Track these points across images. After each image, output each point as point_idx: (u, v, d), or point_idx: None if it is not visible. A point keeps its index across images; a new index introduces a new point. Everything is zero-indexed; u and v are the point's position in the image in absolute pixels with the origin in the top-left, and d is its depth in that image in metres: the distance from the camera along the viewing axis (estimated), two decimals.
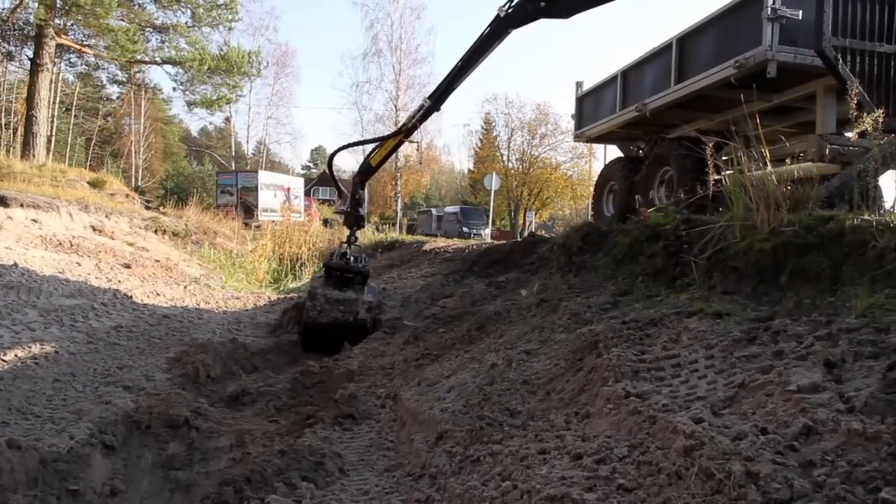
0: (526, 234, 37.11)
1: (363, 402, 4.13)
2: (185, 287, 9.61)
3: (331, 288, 6.43)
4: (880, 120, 4.30)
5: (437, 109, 6.94)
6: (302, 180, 34.34)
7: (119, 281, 8.50)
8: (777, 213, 3.61)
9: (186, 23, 23.72)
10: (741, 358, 2.63)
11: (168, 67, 24.39)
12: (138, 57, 23.45)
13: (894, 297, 2.77)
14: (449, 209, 43.96)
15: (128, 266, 9.79)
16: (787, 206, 3.69)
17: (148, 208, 20.41)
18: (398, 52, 36.07)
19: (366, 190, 6.77)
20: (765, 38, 5.28)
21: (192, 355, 5.49)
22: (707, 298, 3.51)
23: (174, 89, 26.50)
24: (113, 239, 11.63)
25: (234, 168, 39.36)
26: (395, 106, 35.97)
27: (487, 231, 29.65)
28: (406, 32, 36.55)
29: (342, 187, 7.14)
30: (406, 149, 37.59)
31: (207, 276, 11.92)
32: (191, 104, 26.35)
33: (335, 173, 7.41)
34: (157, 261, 11.08)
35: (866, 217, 3.25)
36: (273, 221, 22.41)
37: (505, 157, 42.10)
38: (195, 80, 24.84)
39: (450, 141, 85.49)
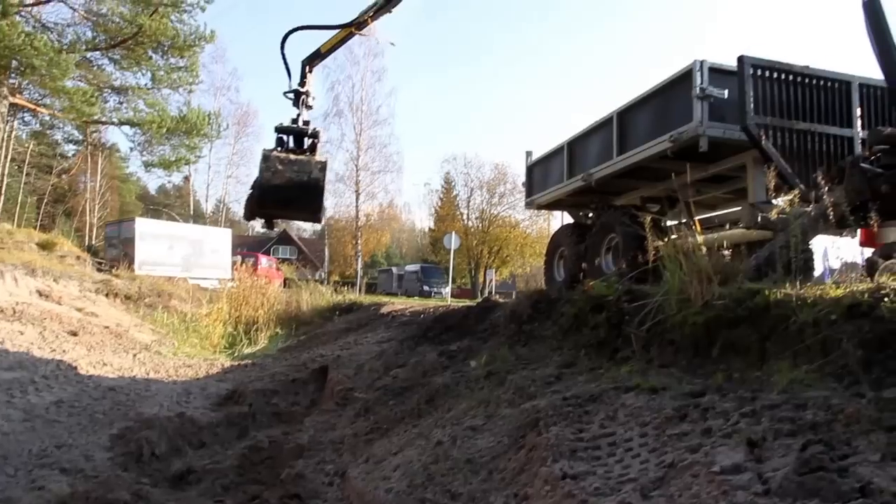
0: (487, 292, 37.49)
1: (311, 480, 4.07)
2: (135, 355, 9.37)
3: (284, 150, 6.38)
4: (799, 192, 4.60)
5: (389, 10, 7.04)
6: (228, 232, 31.41)
7: (64, 350, 8.25)
8: (709, 286, 3.77)
9: (146, 85, 23.82)
10: (672, 436, 2.72)
11: (126, 128, 24.30)
12: (95, 118, 23.35)
13: (814, 372, 2.91)
14: (409, 268, 44.16)
15: (74, 334, 9.52)
16: (718, 278, 3.86)
17: (100, 270, 19.97)
18: (359, 112, 36.78)
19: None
20: (695, 115, 5.64)
21: (137, 432, 5.33)
22: (645, 372, 3.62)
23: (131, 150, 26.10)
24: (60, 304, 11.33)
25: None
26: (356, 165, 36.46)
27: (448, 290, 29.72)
28: (367, 94, 37.38)
29: (289, 68, 7.11)
30: (366, 207, 37.98)
31: (159, 341, 11.65)
32: (148, 165, 26.18)
33: None
34: (107, 327, 10.81)
35: (788, 291, 3.42)
36: (188, 278, 21.69)
37: (465, 216, 42.86)
38: (153, 141, 24.76)
39: (410, 199, 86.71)
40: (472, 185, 43.67)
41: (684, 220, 7.44)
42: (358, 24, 7.14)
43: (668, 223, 7.67)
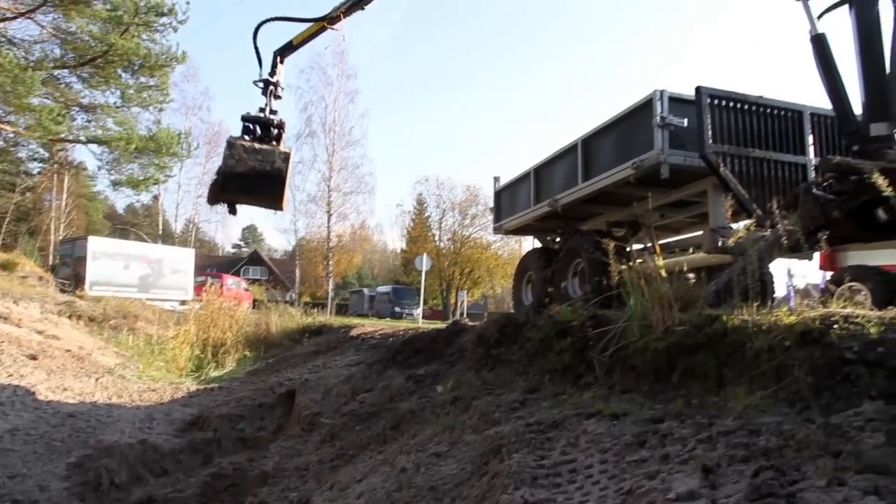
0: (458, 313, 37.50)
1: None
2: (97, 379, 9.18)
3: (249, 139, 6.42)
4: (756, 218, 4.74)
5: (362, 7, 7.16)
6: (190, 253, 30.70)
7: (22, 375, 8.04)
8: (670, 311, 3.85)
9: (115, 103, 23.51)
10: (631, 463, 2.76)
11: (93, 146, 23.91)
12: (62, 136, 22.96)
13: (768, 397, 2.98)
14: (381, 289, 44.06)
15: (34, 357, 9.29)
16: (678, 304, 3.94)
17: (64, 291, 19.54)
18: (332, 133, 36.71)
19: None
20: (656, 143, 5.79)
21: (96, 460, 5.23)
22: (607, 397, 3.67)
23: (99, 168, 25.64)
24: (20, 327, 11.06)
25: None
26: (328, 186, 36.31)
27: (419, 311, 29.68)
28: (340, 115, 37.35)
29: (261, 58, 7.12)
30: (338, 228, 37.82)
31: (124, 365, 11.43)
32: (116, 184, 25.76)
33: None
34: (68, 350, 10.58)
35: (745, 317, 3.51)
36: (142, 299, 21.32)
37: (437, 237, 42.98)
38: (122, 159, 24.40)
39: (382, 220, 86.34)
40: (445, 207, 44.07)
41: (649, 245, 7.60)
42: (330, 19, 7.24)
43: (634, 247, 7.81)
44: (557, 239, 8.98)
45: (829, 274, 9.29)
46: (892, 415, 2.41)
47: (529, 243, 11.02)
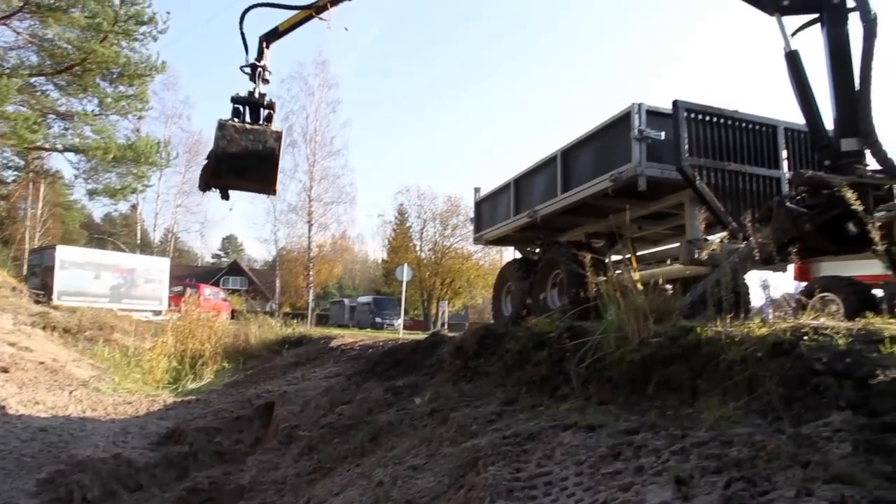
0: (439, 323, 37.47)
1: None
2: (71, 392, 9.03)
3: (240, 120, 6.38)
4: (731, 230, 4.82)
5: None
6: (165, 262, 29.95)
7: None
8: (645, 323, 3.89)
9: (93, 111, 23.27)
10: (606, 475, 2.77)
11: (70, 155, 23.65)
12: (38, 144, 22.66)
13: (740, 408, 3.02)
14: (362, 299, 43.92)
15: (5, 370, 9.11)
16: (654, 316, 3.98)
17: (38, 302, 19.21)
18: (313, 143, 36.59)
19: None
20: (634, 155, 5.87)
21: (68, 475, 5.14)
22: (584, 409, 3.69)
23: (75, 177, 25.28)
24: None
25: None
26: (309, 196, 36.15)
27: (400, 321, 29.61)
28: (321, 125, 37.25)
29: (247, 43, 7.10)
30: (319, 238, 37.65)
31: (99, 377, 11.26)
32: (93, 193, 25.51)
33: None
34: (42, 362, 10.39)
35: (718, 329, 3.56)
36: (115, 309, 21.03)
37: (418, 247, 42.96)
38: (99, 168, 24.15)
39: (363, 231, 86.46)
40: (426, 217, 44.12)
41: (627, 256, 7.67)
42: (317, 8, 7.25)
43: (613, 259, 7.88)
44: (537, 250, 9.03)
45: (802, 285, 9.45)
46: (859, 425, 2.45)
47: (510, 254, 11.07)
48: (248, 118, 6.61)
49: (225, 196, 6.75)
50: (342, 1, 7.27)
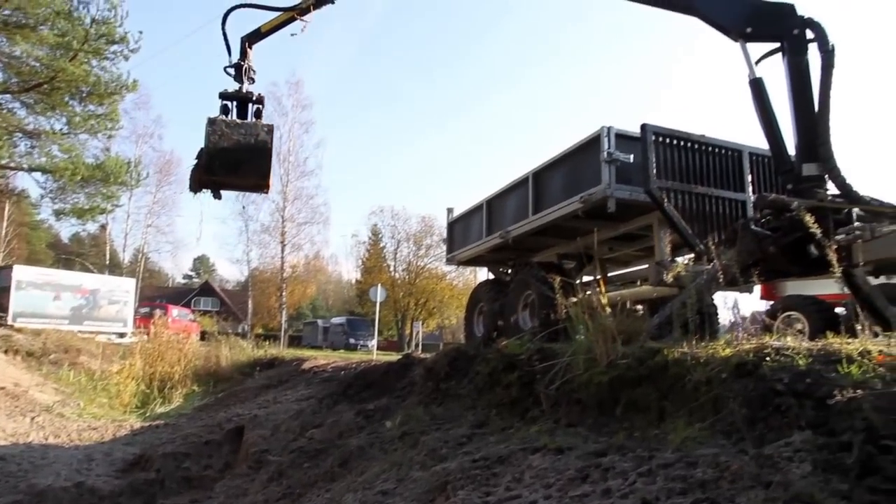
0: (413, 344, 37.33)
1: None
2: (33, 418, 8.80)
3: (229, 115, 6.34)
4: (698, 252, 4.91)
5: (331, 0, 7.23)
6: (130, 283, 28.80)
7: None
8: (613, 345, 3.93)
9: (61, 130, 22.90)
10: (574, 498, 2.78)
11: (37, 174, 23.20)
12: (3, 163, 22.22)
13: (706, 429, 3.06)
14: (335, 320, 43.69)
15: None
16: (622, 338, 4.03)
17: (1, 325, 18.74)
18: (286, 163, 36.49)
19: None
20: (603, 178, 5.97)
21: None
22: (553, 431, 3.70)
23: (42, 197, 24.77)
24: None
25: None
26: (282, 217, 35.97)
27: (374, 342, 29.44)
28: (295, 145, 37.21)
29: (229, 45, 7.06)
30: (292, 259, 37.38)
31: (63, 402, 10.98)
32: (60, 213, 25.07)
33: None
34: (2, 388, 10.12)
35: (684, 350, 3.61)
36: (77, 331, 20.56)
37: (392, 268, 42.93)
38: (67, 188, 23.74)
39: (337, 251, 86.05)
40: (399, 238, 44.19)
41: (599, 277, 7.75)
42: (301, 11, 7.28)
43: (585, 279, 7.95)
44: (509, 271, 9.09)
45: (769, 304, 9.62)
46: (819, 444, 2.50)
47: (484, 274, 11.12)
48: (235, 116, 6.60)
49: (217, 195, 6.68)
50: (325, 4, 7.33)
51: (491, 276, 9.70)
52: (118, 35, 20.87)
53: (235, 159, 6.09)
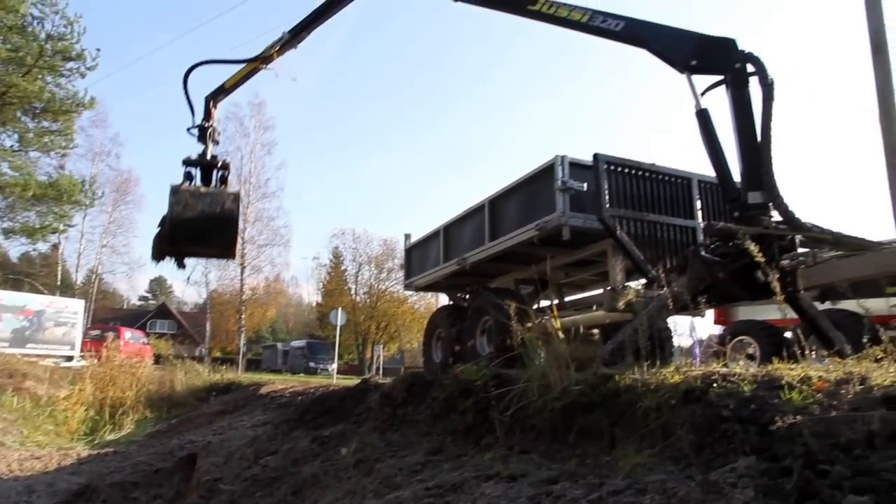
0: (375, 368, 37.03)
1: None
2: None
3: (194, 183, 6.14)
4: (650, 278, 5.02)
5: (294, 45, 7.17)
6: (79, 304, 26.85)
7: None
8: (567, 371, 3.97)
9: (12, 147, 22.33)
10: None
11: None
12: None
13: (655, 455, 3.10)
14: (295, 343, 43.19)
15: None
16: (575, 364, 4.07)
17: None
18: (247, 185, 36.01)
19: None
20: (558, 206, 6.08)
21: None
22: (507, 458, 3.70)
23: None
24: None
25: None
26: (242, 238, 35.33)
27: (334, 366, 29.11)
28: (256, 167, 36.79)
29: (192, 104, 6.86)
30: (252, 281, 36.81)
31: (5, 430, 10.55)
32: (9, 232, 24.35)
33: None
34: None
35: (635, 376, 3.67)
36: None
37: (353, 291, 42.68)
38: (16, 206, 23.10)
39: (298, 273, 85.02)
40: (361, 260, 44.10)
41: (556, 302, 7.84)
42: (264, 59, 7.21)
43: (542, 304, 8.03)
44: (466, 297, 9.13)
45: (723, 328, 9.87)
46: (761, 470, 2.56)
47: (445, 298, 11.15)
48: (200, 181, 6.46)
49: (181, 265, 6.51)
50: (288, 49, 7.30)
51: (449, 302, 9.73)
52: (75, 52, 20.58)
53: (200, 230, 5.94)
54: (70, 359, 23.30)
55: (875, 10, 5.55)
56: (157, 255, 6.23)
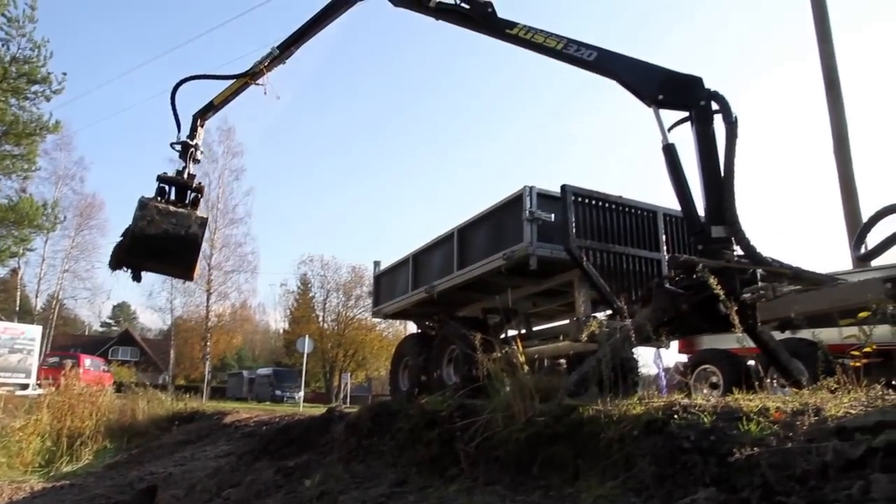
0: (342, 396, 36.55)
1: None
2: None
3: (163, 201, 6.10)
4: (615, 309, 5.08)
5: (283, 61, 7.21)
6: (36, 330, 25.47)
7: None
8: (531, 402, 3.98)
9: None
10: None
11: None
12: None
13: (617, 487, 3.12)
14: (262, 371, 42.46)
15: None
16: (540, 395, 4.08)
17: None
18: (215, 210, 35.62)
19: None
20: (525, 236, 6.16)
21: None
22: (471, 490, 3.69)
23: None
24: None
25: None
26: (209, 265, 34.87)
27: (301, 394, 28.68)
28: (224, 192, 36.56)
29: (179, 119, 6.74)
30: (218, 308, 36.23)
31: None
32: None
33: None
34: None
35: (598, 407, 3.69)
36: None
37: (320, 318, 42.20)
38: None
39: (265, 300, 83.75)
40: (329, 287, 43.67)
41: (524, 331, 7.87)
42: (252, 74, 7.22)
43: (510, 334, 8.05)
44: (435, 325, 9.13)
45: (688, 356, 10.00)
46: (721, 501, 2.59)
47: (414, 326, 11.13)
48: (174, 196, 6.41)
49: (136, 277, 6.42)
50: (276, 65, 7.34)
51: (417, 330, 9.71)
52: (41, 75, 20.29)
53: (161, 248, 5.97)
54: (25, 387, 22.42)
55: (827, 48, 5.80)
56: (115, 264, 6.19)
